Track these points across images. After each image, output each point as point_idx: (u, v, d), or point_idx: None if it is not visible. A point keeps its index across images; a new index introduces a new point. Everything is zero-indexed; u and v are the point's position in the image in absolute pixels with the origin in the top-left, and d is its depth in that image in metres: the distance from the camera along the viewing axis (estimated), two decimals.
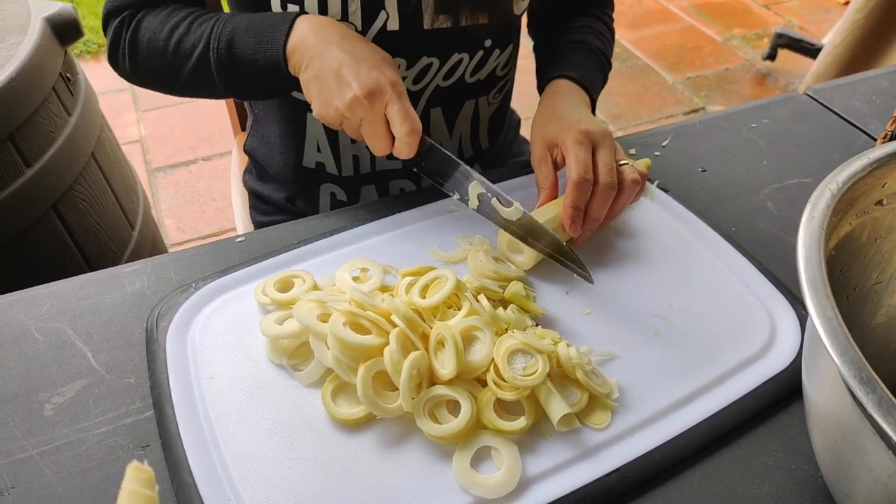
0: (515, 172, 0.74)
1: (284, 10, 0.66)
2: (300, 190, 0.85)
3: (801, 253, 0.39)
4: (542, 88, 0.78)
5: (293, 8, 0.66)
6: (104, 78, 2.38)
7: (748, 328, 0.57)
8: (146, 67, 0.70)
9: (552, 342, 0.52)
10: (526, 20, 0.84)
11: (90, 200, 1.06)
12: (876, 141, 0.82)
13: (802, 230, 0.40)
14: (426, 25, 0.69)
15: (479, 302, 0.54)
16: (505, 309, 0.55)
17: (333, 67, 0.59)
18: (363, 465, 0.47)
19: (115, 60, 0.72)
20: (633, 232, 0.67)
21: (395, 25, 0.68)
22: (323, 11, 0.66)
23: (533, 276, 0.62)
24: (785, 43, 2.50)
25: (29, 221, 0.95)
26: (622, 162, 0.65)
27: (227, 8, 0.77)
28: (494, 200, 0.60)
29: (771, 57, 2.57)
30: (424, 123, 0.79)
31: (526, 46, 0.87)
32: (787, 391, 0.53)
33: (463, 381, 0.50)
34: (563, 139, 0.64)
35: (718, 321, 0.58)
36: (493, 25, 0.73)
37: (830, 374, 0.38)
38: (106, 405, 0.51)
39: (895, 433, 0.30)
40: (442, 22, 0.70)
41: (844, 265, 0.46)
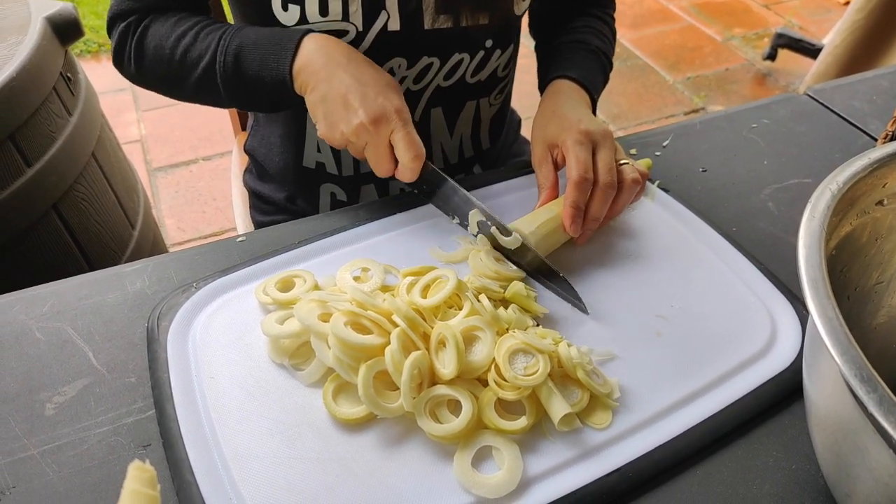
0: (516, 172, 0.74)
1: (285, 10, 0.66)
2: (300, 190, 0.85)
3: (801, 253, 0.39)
4: (542, 88, 0.78)
5: (294, 8, 0.66)
6: (105, 77, 2.39)
7: (749, 328, 0.57)
8: (152, 74, 0.71)
9: (553, 342, 0.52)
10: (526, 20, 0.85)
11: (91, 200, 1.06)
12: (876, 141, 0.82)
13: (803, 230, 0.40)
14: (427, 25, 0.69)
15: (480, 302, 0.54)
16: (506, 309, 0.55)
17: (340, 92, 0.60)
18: (364, 464, 0.47)
19: (119, 63, 0.72)
20: (633, 232, 0.67)
21: (395, 26, 0.68)
22: (324, 12, 0.66)
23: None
24: (785, 43, 2.50)
25: (29, 221, 0.95)
26: (622, 162, 0.65)
27: (227, 9, 0.77)
28: (494, 229, 0.61)
29: (771, 57, 2.57)
30: (425, 123, 0.79)
31: (526, 46, 0.87)
32: (787, 391, 0.53)
33: (464, 380, 0.50)
34: (563, 139, 0.64)
35: (719, 321, 0.58)
36: (493, 26, 0.73)
37: (831, 373, 0.38)
38: (107, 405, 0.51)
39: None
40: (442, 22, 0.70)
41: (845, 265, 0.46)
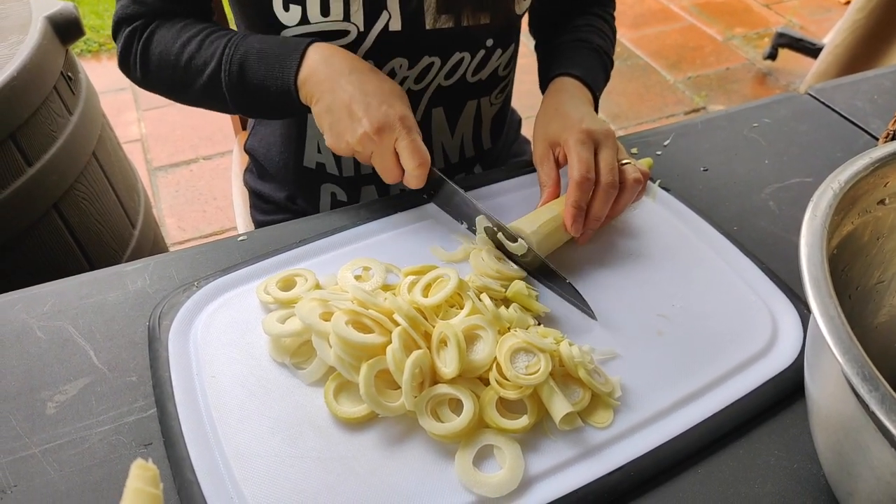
0: (516, 172, 0.74)
1: (286, 10, 0.66)
2: (301, 189, 0.85)
3: (803, 252, 0.39)
4: (544, 87, 0.78)
5: (295, 9, 0.66)
6: (105, 77, 2.39)
7: (750, 327, 0.57)
8: (157, 79, 0.71)
9: (554, 341, 0.52)
10: (527, 19, 0.84)
11: (91, 199, 1.06)
12: (878, 140, 0.82)
13: (805, 229, 0.40)
14: (428, 25, 0.69)
15: (481, 301, 0.54)
16: (507, 308, 0.55)
17: (344, 102, 0.60)
18: (365, 463, 0.47)
19: (126, 67, 0.73)
20: (634, 231, 0.67)
21: (397, 25, 0.68)
22: (325, 13, 0.66)
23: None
24: (786, 42, 2.50)
25: (30, 220, 0.95)
26: (624, 161, 0.65)
27: (228, 11, 0.77)
28: (500, 235, 0.61)
29: (772, 56, 2.57)
30: (426, 123, 0.79)
31: (526, 45, 0.87)
32: (789, 390, 0.53)
33: (465, 379, 0.50)
34: (565, 138, 0.64)
35: (720, 320, 0.58)
36: (494, 25, 0.73)
37: (833, 372, 0.38)
38: (108, 403, 0.51)
39: None
40: (444, 22, 0.70)
41: (846, 264, 0.46)
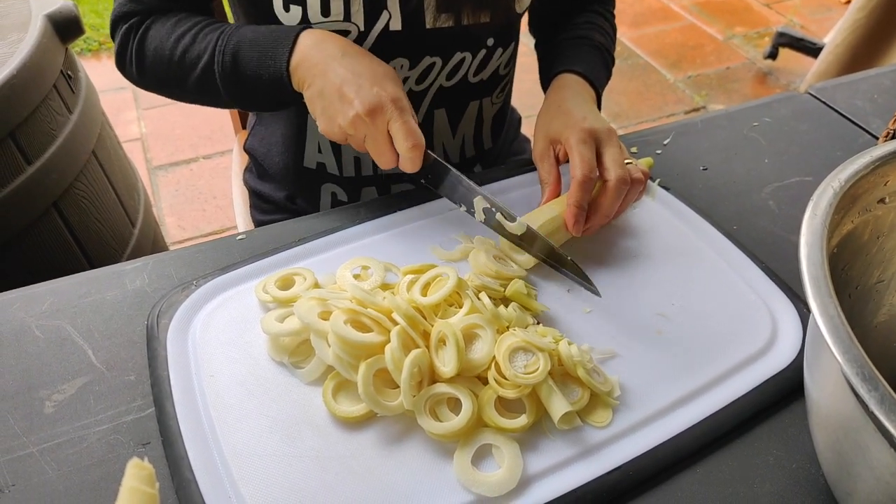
0: (516, 171, 0.74)
1: (287, 11, 0.66)
2: (301, 189, 0.84)
3: (803, 251, 0.39)
4: (546, 85, 0.78)
5: (296, 9, 0.66)
6: (105, 76, 2.39)
7: (749, 326, 0.57)
8: (153, 75, 0.71)
9: (553, 340, 0.52)
10: (526, 18, 0.84)
11: (91, 198, 1.06)
12: (878, 139, 0.82)
13: (805, 228, 0.40)
14: (428, 24, 0.69)
15: (480, 300, 0.54)
16: (506, 307, 0.55)
17: (335, 85, 0.59)
18: (364, 462, 0.47)
19: (122, 65, 0.73)
20: (634, 230, 0.67)
21: (397, 25, 0.68)
22: (326, 12, 0.65)
23: (534, 274, 0.62)
24: (786, 42, 2.50)
25: (30, 219, 0.95)
26: (626, 161, 0.65)
27: (228, 8, 0.77)
28: (499, 215, 0.61)
29: (772, 56, 2.57)
30: (428, 124, 0.79)
31: (526, 44, 0.87)
32: (788, 390, 0.53)
33: (464, 378, 0.50)
34: (566, 136, 0.64)
35: (720, 319, 0.58)
36: (495, 24, 0.73)
37: (832, 372, 0.37)
38: (106, 402, 0.51)
39: None
40: (444, 21, 0.70)
41: (846, 263, 0.46)
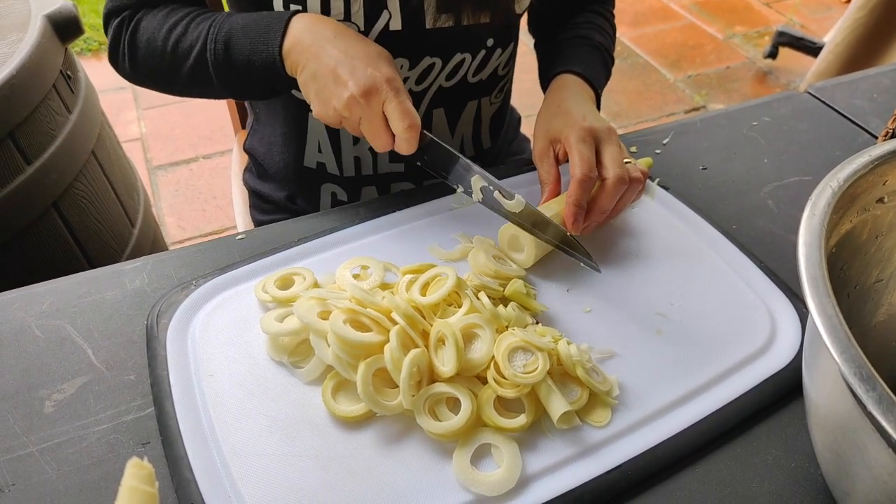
0: (516, 170, 0.74)
1: (287, 9, 0.66)
2: (301, 189, 0.84)
3: (801, 250, 0.39)
4: (545, 85, 0.78)
5: (296, 8, 0.65)
6: (105, 76, 2.38)
7: (748, 326, 0.57)
8: (145, 67, 0.70)
9: (552, 340, 0.52)
10: (526, 18, 0.84)
11: (91, 198, 1.06)
12: (877, 139, 0.82)
13: (803, 227, 0.40)
14: (428, 25, 0.69)
15: (479, 299, 0.54)
16: (505, 306, 0.55)
17: (329, 67, 0.59)
18: (363, 462, 0.47)
19: (115, 60, 0.72)
20: (633, 230, 0.67)
21: (397, 25, 0.68)
22: (325, 11, 0.65)
23: (533, 273, 0.62)
24: (786, 41, 2.50)
25: (29, 219, 0.95)
26: (624, 160, 0.65)
27: (227, 7, 0.77)
28: (497, 193, 0.60)
29: (772, 55, 2.57)
30: (427, 125, 0.79)
31: (525, 44, 0.87)
32: (787, 389, 0.53)
33: (463, 378, 0.50)
34: (566, 135, 0.64)
35: (719, 319, 0.58)
36: (494, 24, 0.73)
37: (831, 371, 0.38)
38: (106, 402, 0.51)
39: (895, 431, 0.30)
40: (444, 21, 0.69)
41: (845, 263, 0.46)
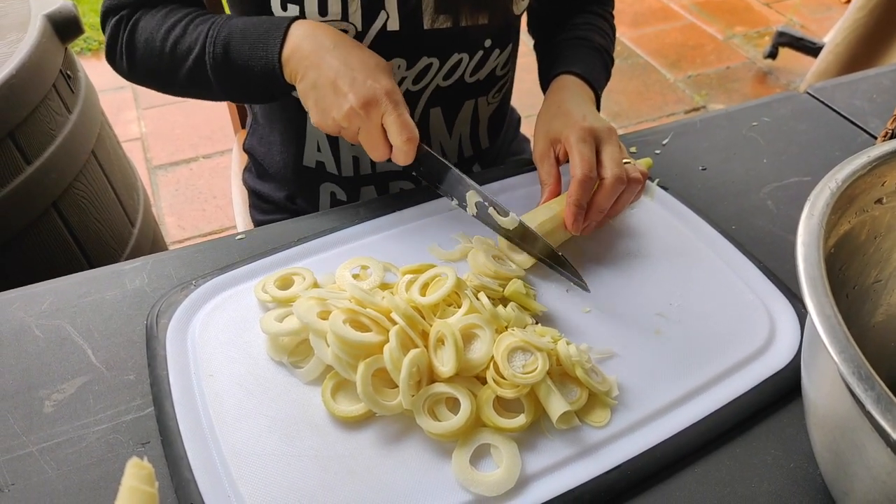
0: (516, 170, 0.74)
1: (284, 9, 0.66)
2: (300, 189, 0.85)
3: (800, 251, 0.39)
4: (545, 85, 0.78)
5: (293, 8, 0.66)
6: (105, 75, 2.37)
7: (748, 326, 0.57)
8: (143, 67, 0.70)
9: (552, 340, 0.52)
10: (526, 19, 0.84)
11: (90, 198, 1.06)
12: (876, 139, 0.82)
13: (802, 228, 0.40)
14: (426, 25, 0.69)
15: (478, 300, 0.54)
16: (505, 307, 0.55)
17: (329, 77, 0.59)
18: (363, 462, 0.47)
19: (112, 58, 0.72)
20: (633, 230, 0.67)
21: (395, 25, 0.68)
22: (323, 12, 0.65)
23: (533, 274, 0.62)
24: (786, 41, 2.50)
25: (29, 219, 0.95)
26: (624, 161, 0.65)
27: (227, 8, 0.77)
28: (491, 209, 0.61)
29: (772, 55, 2.57)
30: (424, 123, 0.79)
31: (526, 44, 0.87)
32: (786, 389, 0.53)
33: (462, 378, 0.50)
34: (566, 135, 0.64)
35: (718, 319, 0.58)
36: (492, 25, 0.73)
37: (829, 371, 0.38)
38: (106, 402, 0.51)
39: (894, 430, 0.30)
40: (442, 22, 0.70)
41: (844, 263, 0.46)
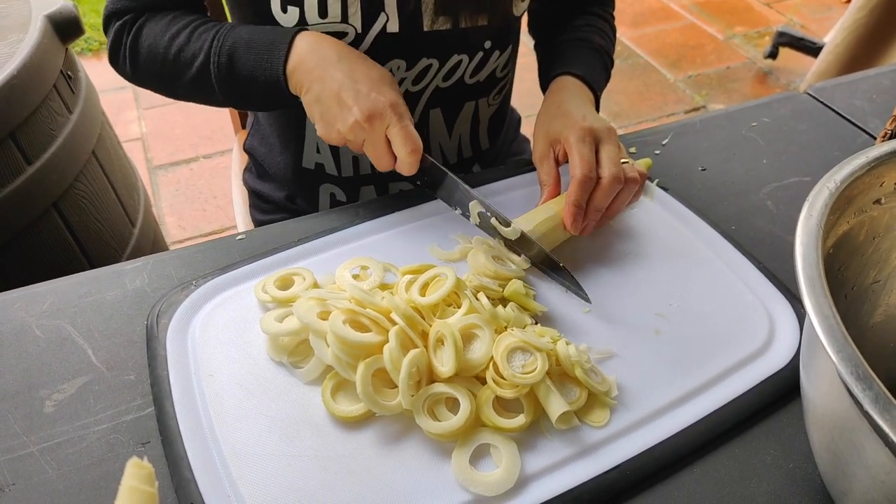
0: (515, 170, 0.74)
1: (284, 11, 0.66)
2: (300, 189, 0.85)
3: (798, 251, 0.39)
4: (545, 86, 0.78)
5: (293, 10, 0.66)
6: (105, 76, 2.38)
7: (747, 326, 0.57)
8: (146, 72, 0.71)
9: (551, 340, 0.52)
10: (526, 20, 0.84)
11: (91, 198, 1.06)
12: (876, 140, 0.82)
13: (800, 229, 0.40)
14: (426, 27, 0.69)
15: (478, 300, 0.54)
16: (504, 307, 0.55)
17: (333, 90, 0.60)
18: (362, 462, 0.47)
19: (115, 61, 0.73)
20: (632, 230, 0.67)
21: (394, 27, 0.68)
22: (323, 14, 0.66)
23: (532, 274, 0.62)
24: (786, 41, 2.50)
25: (30, 219, 0.95)
26: (623, 161, 0.65)
27: (227, 10, 0.77)
28: (494, 219, 0.61)
29: (772, 55, 2.57)
30: (424, 124, 0.79)
31: (526, 45, 0.87)
32: (785, 389, 0.53)
33: (462, 378, 0.50)
34: (566, 136, 0.64)
35: (717, 319, 0.58)
36: (492, 27, 0.73)
37: (828, 371, 0.38)
38: (106, 402, 0.51)
39: (892, 430, 0.30)
40: (442, 23, 0.70)
41: (842, 264, 0.46)
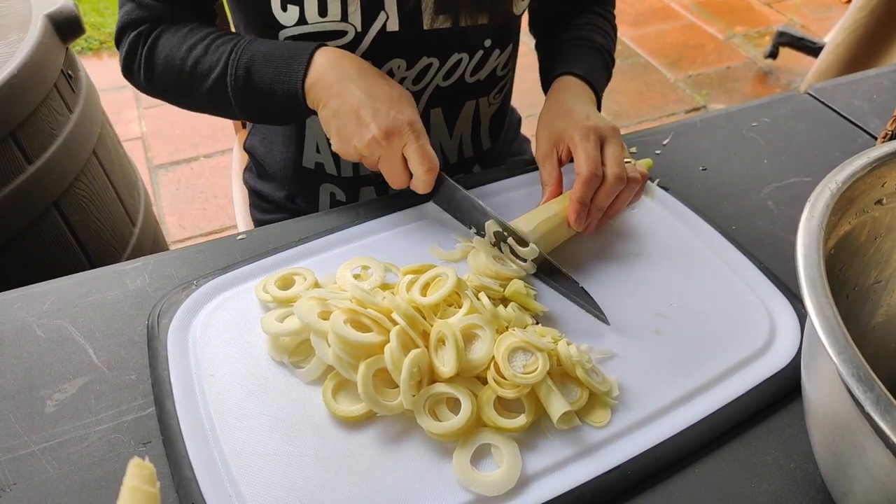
0: (516, 171, 0.74)
1: (284, 10, 0.66)
2: (300, 189, 0.85)
3: (800, 252, 0.39)
4: (546, 86, 0.78)
5: (293, 9, 0.66)
6: (106, 75, 2.39)
7: (748, 327, 0.57)
8: (161, 83, 0.71)
9: (552, 340, 0.52)
10: (527, 19, 0.84)
11: (91, 198, 1.06)
12: (876, 140, 0.82)
13: (802, 229, 0.40)
14: (426, 26, 0.69)
15: (479, 300, 0.54)
16: (505, 307, 0.55)
17: (352, 107, 0.60)
18: (363, 462, 0.47)
19: (129, 72, 0.72)
20: (633, 230, 0.67)
21: (394, 26, 0.68)
22: (323, 13, 0.66)
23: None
24: (787, 41, 2.50)
25: (30, 219, 0.95)
26: (624, 160, 0.65)
27: (228, 13, 0.77)
28: (511, 239, 0.61)
29: (773, 55, 2.57)
30: (425, 124, 0.78)
31: (526, 44, 0.87)
32: (786, 390, 0.53)
33: (463, 378, 0.50)
34: (570, 135, 0.64)
35: (718, 320, 0.58)
36: (492, 26, 0.73)
37: (829, 372, 0.38)
38: (107, 402, 0.51)
39: (893, 432, 0.30)
40: (442, 22, 0.70)
41: (844, 264, 0.46)
